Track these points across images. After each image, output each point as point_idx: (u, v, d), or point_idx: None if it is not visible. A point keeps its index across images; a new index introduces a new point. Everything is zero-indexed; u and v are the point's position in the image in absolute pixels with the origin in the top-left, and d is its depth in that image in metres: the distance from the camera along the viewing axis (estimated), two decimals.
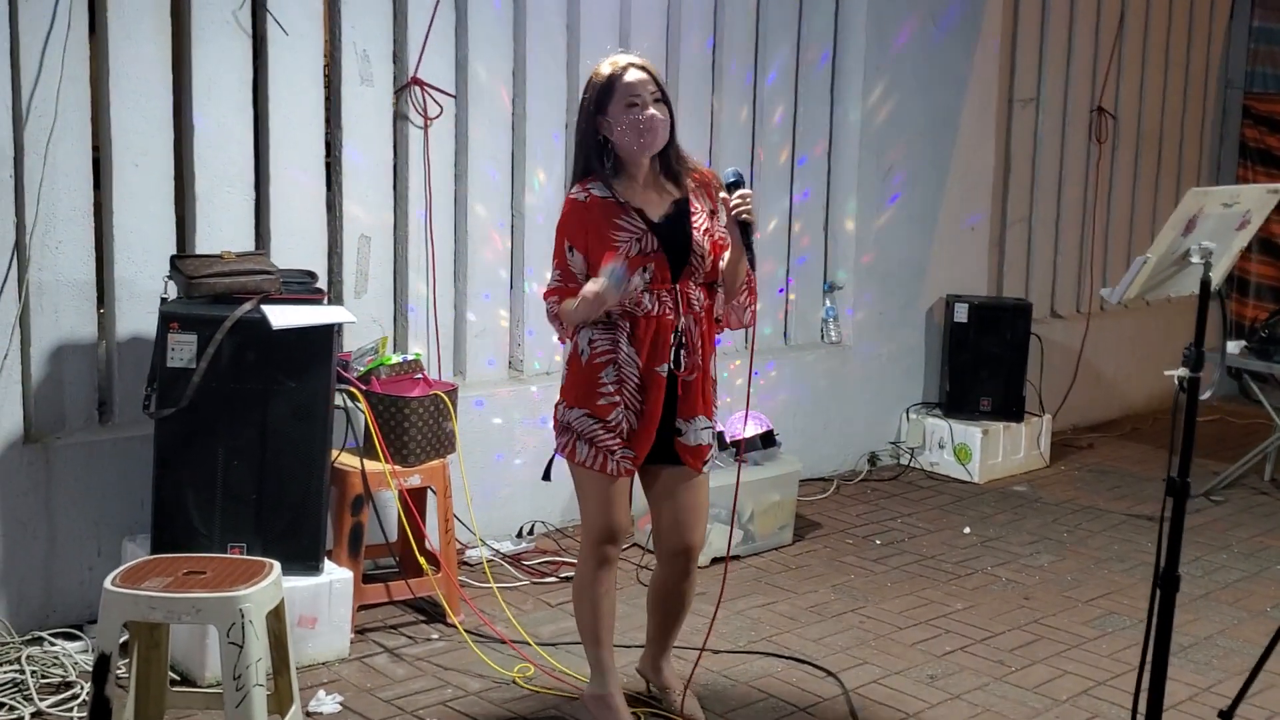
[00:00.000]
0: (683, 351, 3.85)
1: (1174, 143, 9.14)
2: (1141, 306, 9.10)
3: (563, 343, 4.03)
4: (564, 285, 3.87)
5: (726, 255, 3.88)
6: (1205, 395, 3.12)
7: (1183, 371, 3.07)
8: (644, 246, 3.77)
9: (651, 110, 3.77)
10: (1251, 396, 8.39)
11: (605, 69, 3.84)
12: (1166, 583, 3.27)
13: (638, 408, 3.85)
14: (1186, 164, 9.22)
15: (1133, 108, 8.74)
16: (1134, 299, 3.13)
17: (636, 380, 3.83)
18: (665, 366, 3.83)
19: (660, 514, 4.01)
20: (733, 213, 3.75)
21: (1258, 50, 9.41)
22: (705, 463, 3.98)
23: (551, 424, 4.06)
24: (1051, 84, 8.17)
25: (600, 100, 3.80)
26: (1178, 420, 3.12)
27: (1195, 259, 3.10)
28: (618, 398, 3.82)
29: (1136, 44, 8.68)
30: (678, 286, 3.84)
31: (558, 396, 4.00)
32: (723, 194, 3.83)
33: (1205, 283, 3.10)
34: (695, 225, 3.86)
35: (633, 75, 3.79)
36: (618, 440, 3.84)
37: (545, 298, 3.93)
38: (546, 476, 4.18)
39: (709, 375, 3.96)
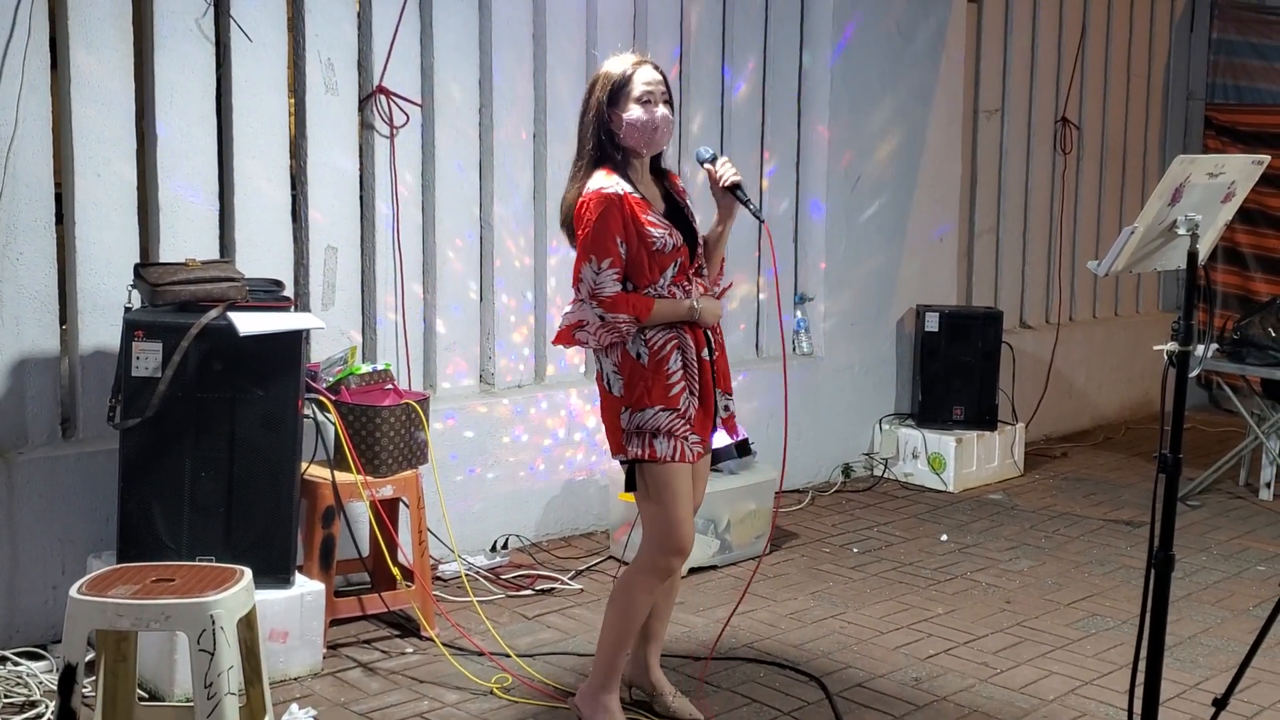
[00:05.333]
0: (710, 331, 3.93)
1: (1137, 153, 9.19)
2: (1110, 317, 9.13)
3: (600, 348, 3.84)
4: (621, 285, 3.76)
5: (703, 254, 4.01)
6: (1195, 372, 3.08)
7: (1172, 346, 3.03)
8: (675, 241, 3.81)
9: (663, 110, 3.81)
10: (1222, 406, 8.41)
11: (618, 66, 3.84)
12: (1162, 563, 3.22)
13: (698, 391, 3.86)
14: (1150, 174, 9.26)
15: (1096, 119, 8.79)
16: (1121, 271, 3.09)
17: (695, 364, 3.85)
18: (705, 350, 3.89)
19: None
20: (721, 181, 3.88)
21: (1218, 61, 9.48)
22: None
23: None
24: (1016, 95, 8.20)
25: (614, 95, 3.81)
26: (1167, 395, 3.08)
27: (1181, 230, 3.07)
28: (684, 383, 3.83)
29: (1098, 56, 8.74)
30: (691, 275, 3.91)
31: (619, 407, 3.84)
32: (707, 167, 3.93)
33: (1192, 255, 3.07)
34: (692, 218, 3.96)
35: (648, 73, 3.83)
36: (689, 426, 3.83)
37: (603, 304, 3.72)
38: (630, 487, 3.99)
39: (725, 351, 4.05)
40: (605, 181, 3.77)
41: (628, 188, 3.78)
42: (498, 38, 5.69)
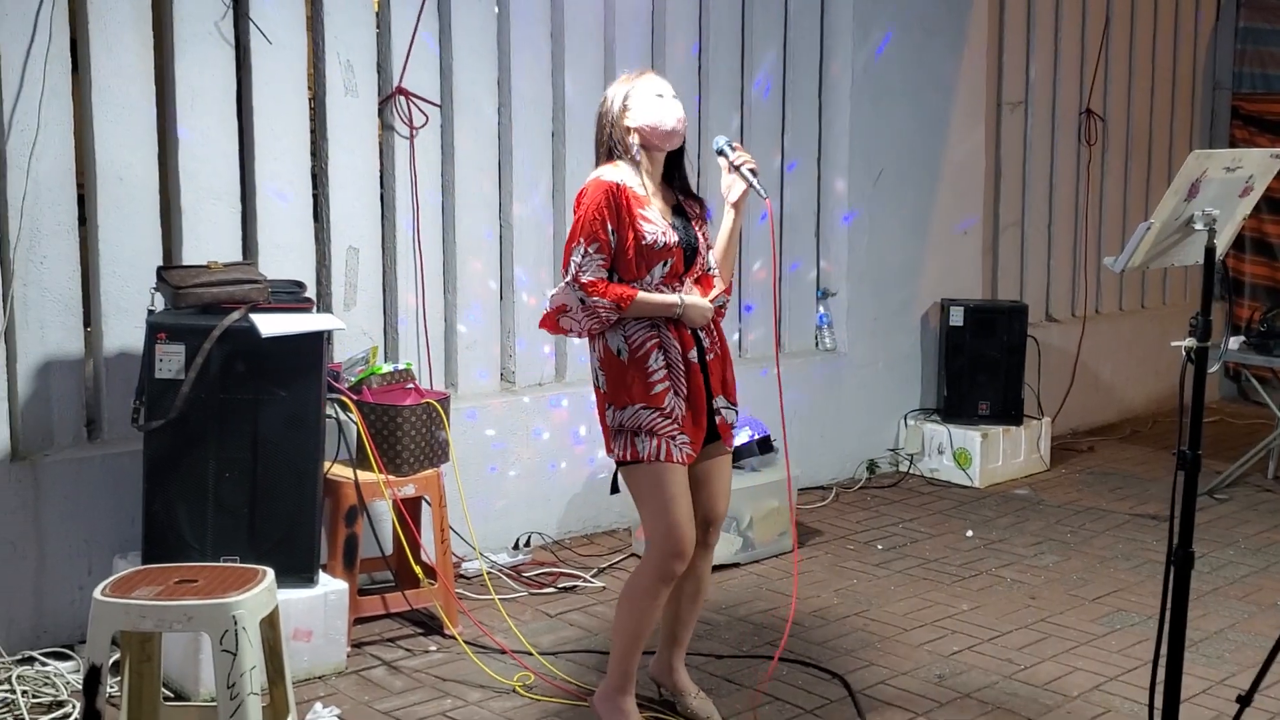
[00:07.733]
0: (702, 333, 3.91)
1: (1163, 144, 9.14)
2: (1137, 309, 9.08)
3: (581, 336, 3.88)
4: (606, 272, 3.77)
5: (715, 253, 4.03)
6: (1213, 369, 3.05)
7: (1190, 342, 3.01)
8: (668, 240, 3.82)
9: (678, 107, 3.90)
10: (1250, 397, 8.35)
11: (629, 73, 3.97)
12: (1181, 561, 3.20)
13: (685, 393, 3.84)
14: (1176, 166, 9.16)
15: (1121, 110, 8.73)
16: (1138, 267, 3.07)
17: (681, 365, 3.84)
18: (694, 351, 3.87)
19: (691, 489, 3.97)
20: (740, 166, 3.90)
21: (1245, 51, 9.41)
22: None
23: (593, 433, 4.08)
24: (1039, 87, 8.16)
25: (626, 96, 3.88)
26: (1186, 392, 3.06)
27: (1199, 225, 3.04)
28: (668, 382, 3.82)
29: (1123, 46, 8.68)
30: (685, 279, 3.92)
31: (605, 404, 3.88)
32: (720, 159, 3.98)
33: (1210, 250, 3.05)
34: (700, 228, 3.98)
35: (658, 78, 3.94)
36: (676, 426, 3.81)
37: (585, 287, 3.72)
38: (614, 489, 4.04)
39: (729, 359, 4.01)
40: (606, 170, 3.84)
41: (630, 180, 3.81)
42: (516, 38, 5.70)
